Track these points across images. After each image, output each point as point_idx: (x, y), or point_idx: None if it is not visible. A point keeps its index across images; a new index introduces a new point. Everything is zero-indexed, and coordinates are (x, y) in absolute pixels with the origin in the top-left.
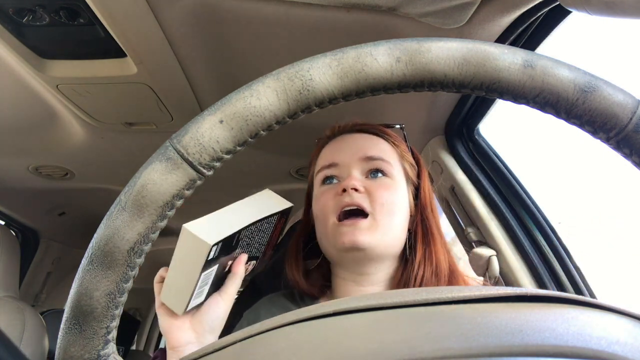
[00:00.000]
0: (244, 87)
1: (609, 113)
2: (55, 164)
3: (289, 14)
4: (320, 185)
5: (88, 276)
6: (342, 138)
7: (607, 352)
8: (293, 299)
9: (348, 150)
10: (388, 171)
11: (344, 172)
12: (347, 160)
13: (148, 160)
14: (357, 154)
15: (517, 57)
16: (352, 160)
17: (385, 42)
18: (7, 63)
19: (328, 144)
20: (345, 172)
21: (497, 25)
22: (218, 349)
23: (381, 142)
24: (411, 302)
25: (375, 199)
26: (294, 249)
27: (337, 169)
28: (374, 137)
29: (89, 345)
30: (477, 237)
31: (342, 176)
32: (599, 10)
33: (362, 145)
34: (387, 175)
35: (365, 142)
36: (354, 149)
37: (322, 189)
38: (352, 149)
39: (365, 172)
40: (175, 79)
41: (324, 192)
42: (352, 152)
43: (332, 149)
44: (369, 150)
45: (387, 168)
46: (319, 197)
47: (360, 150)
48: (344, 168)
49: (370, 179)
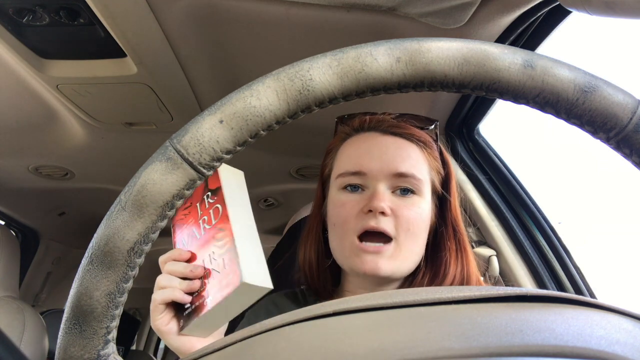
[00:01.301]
0: (244, 87)
1: (609, 113)
2: (55, 164)
3: (289, 14)
4: (340, 190)
5: (88, 276)
6: (370, 138)
7: (607, 352)
8: (295, 299)
9: (377, 159)
10: (417, 189)
11: (370, 183)
12: (375, 172)
13: (148, 160)
14: (388, 167)
15: (517, 57)
16: (381, 173)
17: (385, 42)
18: (7, 63)
19: (352, 140)
20: (372, 184)
21: (497, 25)
22: (218, 349)
23: (413, 150)
24: (411, 302)
25: (401, 223)
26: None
27: (363, 178)
28: (406, 144)
29: (89, 345)
30: (477, 237)
31: (367, 186)
32: (599, 10)
33: (394, 156)
34: (416, 193)
35: (397, 151)
36: (385, 159)
37: (343, 195)
38: (382, 158)
39: (393, 187)
40: (175, 79)
41: (345, 201)
42: (381, 163)
43: (358, 151)
44: (400, 164)
45: (418, 185)
46: (338, 205)
47: (392, 162)
48: (371, 180)
49: (399, 196)
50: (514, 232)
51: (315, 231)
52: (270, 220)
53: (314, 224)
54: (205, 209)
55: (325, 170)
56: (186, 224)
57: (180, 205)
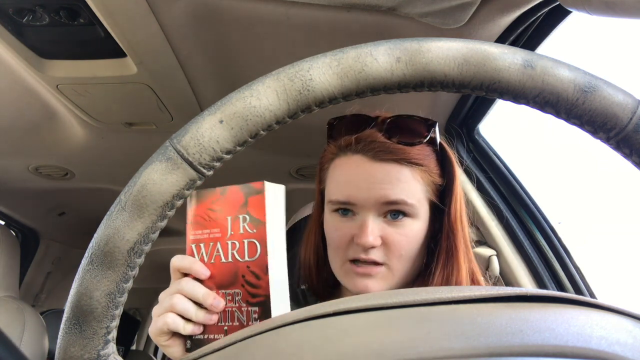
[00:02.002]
0: (244, 87)
1: (609, 113)
2: (55, 164)
3: (289, 14)
4: (332, 212)
5: (88, 276)
6: (358, 165)
7: (607, 352)
8: (296, 299)
9: (365, 190)
10: (409, 212)
11: (359, 210)
12: (363, 202)
13: (148, 160)
14: (376, 195)
15: (517, 57)
16: (369, 202)
17: (385, 42)
18: (7, 63)
19: (340, 161)
20: (361, 213)
21: (497, 25)
22: (218, 349)
23: (403, 173)
24: (411, 302)
25: (393, 250)
26: (313, 242)
27: (353, 207)
28: (395, 169)
29: (89, 345)
30: (477, 237)
31: (357, 212)
32: (599, 10)
33: (382, 184)
34: (408, 215)
35: (386, 178)
36: (372, 188)
37: (335, 219)
38: (369, 188)
39: (383, 213)
40: (175, 79)
41: (337, 227)
42: (369, 193)
43: (346, 178)
44: (390, 192)
45: (409, 210)
46: (331, 228)
47: (380, 191)
48: (360, 209)
49: (390, 221)
50: (514, 232)
51: (315, 233)
52: None
53: (314, 226)
54: (239, 234)
55: (321, 184)
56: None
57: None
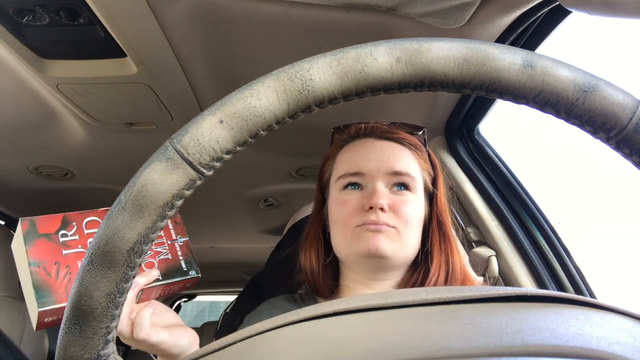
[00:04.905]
0: (244, 87)
1: (609, 113)
2: (55, 164)
3: (289, 14)
4: (341, 190)
5: (88, 276)
6: (367, 143)
7: (607, 352)
8: (294, 301)
9: (374, 160)
10: (412, 186)
11: (368, 182)
12: (373, 171)
13: (148, 160)
14: (384, 166)
15: (517, 57)
16: (379, 172)
17: (385, 42)
18: (7, 63)
19: (349, 146)
20: (370, 183)
21: (497, 25)
22: (218, 349)
23: (406, 152)
24: (411, 302)
25: (400, 216)
26: (314, 240)
27: (362, 178)
28: (399, 147)
29: (89, 345)
30: (477, 237)
31: (366, 185)
32: (599, 10)
33: (389, 156)
34: (410, 190)
35: (392, 153)
36: (381, 160)
37: (344, 194)
38: (378, 160)
39: (389, 185)
40: (175, 79)
41: (346, 199)
42: (378, 164)
43: (356, 155)
44: (396, 163)
45: (412, 183)
46: (340, 203)
47: (387, 162)
48: (369, 179)
49: (395, 192)
50: (514, 232)
51: (316, 231)
52: (270, 220)
53: (314, 225)
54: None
55: (325, 176)
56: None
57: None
